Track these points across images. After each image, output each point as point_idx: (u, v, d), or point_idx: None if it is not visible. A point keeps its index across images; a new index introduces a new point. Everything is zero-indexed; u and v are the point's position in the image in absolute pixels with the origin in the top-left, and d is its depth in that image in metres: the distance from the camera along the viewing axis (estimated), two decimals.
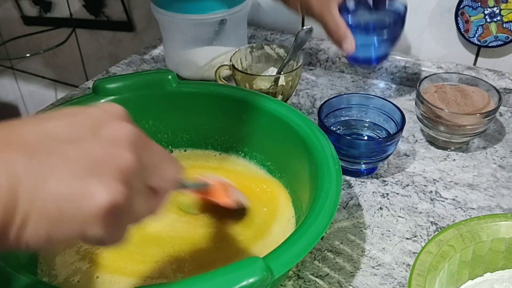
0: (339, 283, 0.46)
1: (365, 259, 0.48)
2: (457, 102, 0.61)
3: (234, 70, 0.67)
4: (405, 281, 0.46)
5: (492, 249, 0.43)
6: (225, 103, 0.56)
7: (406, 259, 0.48)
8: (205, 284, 0.33)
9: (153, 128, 0.58)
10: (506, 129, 0.67)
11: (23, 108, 1.40)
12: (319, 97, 0.74)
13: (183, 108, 0.58)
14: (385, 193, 0.56)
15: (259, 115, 0.54)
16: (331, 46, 0.80)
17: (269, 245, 0.47)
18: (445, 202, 0.55)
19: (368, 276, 0.47)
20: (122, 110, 0.29)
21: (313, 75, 0.80)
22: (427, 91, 0.63)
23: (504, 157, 0.62)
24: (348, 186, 0.57)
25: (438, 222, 0.52)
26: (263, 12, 0.86)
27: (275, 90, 0.66)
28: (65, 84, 1.27)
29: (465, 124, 0.59)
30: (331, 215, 0.39)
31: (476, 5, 0.69)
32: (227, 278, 0.33)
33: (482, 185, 0.57)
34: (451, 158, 0.62)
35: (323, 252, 0.49)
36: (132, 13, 1.06)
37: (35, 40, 1.23)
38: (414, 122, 0.67)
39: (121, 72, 0.81)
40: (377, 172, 0.59)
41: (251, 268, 0.33)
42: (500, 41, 0.70)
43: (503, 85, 0.70)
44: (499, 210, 0.54)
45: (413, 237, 0.51)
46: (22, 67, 1.32)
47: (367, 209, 0.54)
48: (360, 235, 0.51)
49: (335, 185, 0.42)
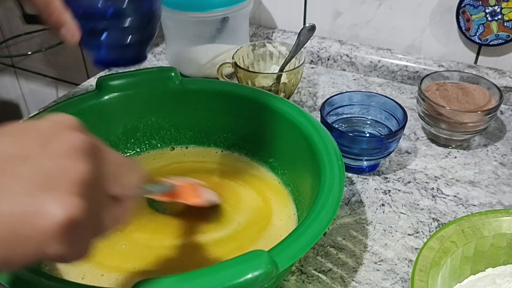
0: (342, 278, 0.46)
1: (368, 254, 0.49)
2: (458, 99, 0.62)
3: (237, 68, 0.67)
4: (407, 276, 0.46)
5: (493, 244, 0.44)
6: (228, 100, 0.57)
7: (408, 254, 0.49)
8: (210, 277, 0.33)
9: (156, 124, 0.58)
10: (507, 127, 0.67)
11: (24, 107, 1.40)
12: (321, 95, 0.74)
13: (186, 105, 0.58)
14: (387, 190, 0.57)
15: (262, 112, 0.54)
16: (333, 44, 0.81)
17: (272, 240, 0.47)
18: (447, 199, 0.55)
19: (371, 271, 0.47)
20: (74, 120, 0.28)
21: (314, 73, 0.80)
22: (428, 89, 0.64)
23: (505, 155, 0.62)
24: (350, 183, 0.58)
25: (439, 218, 0.53)
26: (264, 10, 0.87)
27: (277, 88, 0.67)
28: (66, 83, 1.27)
29: (466, 121, 0.59)
30: (335, 210, 0.40)
31: (477, 3, 0.70)
32: (232, 271, 0.33)
33: (483, 182, 0.58)
34: (453, 155, 0.62)
35: (326, 247, 0.49)
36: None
37: (36, 39, 1.23)
38: (416, 119, 0.68)
39: (122, 70, 0.81)
40: (379, 169, 0.59)
41: (256, 261, 0.33)
42: (501, 40, 0.70)
43: (504, 84, 0.70)
44: (500, 206, 0.54)
45: (415, 233, 0.51)
46: (23, 65, 1.32)
47: (369, 206, 0.54)
48: (362, 231, 0.51)
49: (338, 181, 0.43)
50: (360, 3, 0.78)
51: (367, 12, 0.78)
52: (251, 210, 0.51)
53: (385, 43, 0.79)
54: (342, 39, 0.82)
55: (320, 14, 0.82)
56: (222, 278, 0.33)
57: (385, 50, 0.78)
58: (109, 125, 0.56)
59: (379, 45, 0.80)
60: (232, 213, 0.51)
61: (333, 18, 0.81)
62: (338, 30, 0.82)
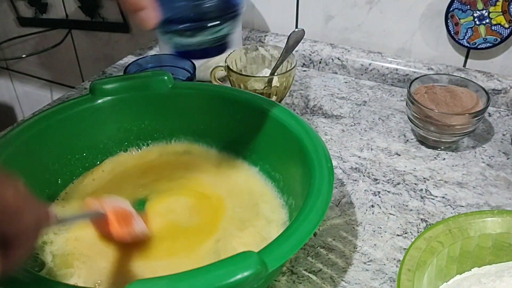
0: (332, 278, 0.47)
1: (357, 255, 0.50)
2: (446, 102, 0.63)
3: (229, 71, 0.68)
4: (395, 276, 0.47)
5: (479, 244, 0.45)
6: (221, 103, 0.57)
7: (396, 255, 0.50)
8: (199, 278, 0.33)
9: (149, 127, 0.59)
10: (495, 129, 0.68)
11: (19, 109, 1.40)
12: (313, 98, 0.75)
13: (179, 109, 0.59)
14: (377, 191, 0.58)
15: (254, 115, 0.55)
16: (324, 47, 0.82)
17: (264, 241, 0.48)
18: (435, 200, 0.56)
19: (360, 271, 0.48)
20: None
21: (306, 76, 0.81)
22: (417, 92, 0.65)
23: (492, 156, 0.63)
24: (340, 185, 0.59)
25: (428, 219, 0.54)
26: (257, 14, 0.88)
27: (269, 91, 0.67)
28: (60, 85, 1.28)
29: (455, 124, 0.60)
30: (324, 211, 0.40)
31: (465, 8, 0.71)
32: (222, 272, 0.34)
33: (471, 184, 0.59)
34: (441, 157, 0.63)
35: (316, 248, 0.50)
36: (128, 14, 1.07)
37: (31, 41, 1.24)
38: (405, 122, 0.69)
39: (117, 73, 0.82)
40: (369, 171, 0.61)
41: (246, 262, 0.34)
42: (489, 43, 0.71)
43: (491, 86, 0.72)
44: (487, 207, 0.55)
45: (403, 233, 0.52)
46: (17, 68, 1.32)
47: (359, 207, 0.55)
48: (352, 232, 0.52)
49: (327, 182, 0.44)
50: (351, 7, 0.79)
51: (358, 16, 0.80)
52: (241, 211, 0.52)
53: (376, 47, 0.81)
54: (333, 43, 0.83)
55: (312, 18, 0.83)
56: (212, 279, 0.33)
57: (376, 53, 0.79)
58: (102, 128, 0.57)
59: (370, 49, 0.81)
60: (222, 210, 0.51)
61: (324, 21, 0.82)
62: (330, 33, 0.83)
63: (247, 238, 0.48)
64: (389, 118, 0.71)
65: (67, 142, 0.54)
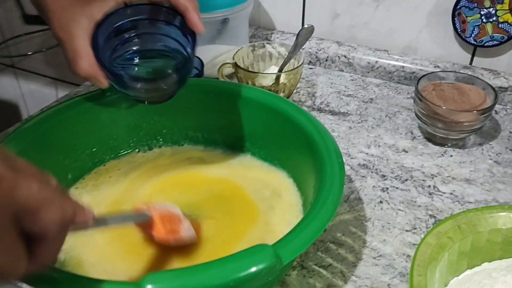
0: (342, 273, 0.47)
1: (367, 250, 0.50)
2: (454, 99, 0.63)
3: (237, 68, 0.68)
4: (405, 271, 0.48)
5: (489, 240, 0.45)
6: (229, 100, 0.57)
7: (406, 250, 0.50)
8: (215, 270, 0.34)
9: (158, 124, 0.59)
10: (501, 127, 0.69)
11: (24, 107, 1.40)
12: (319, 95, 0.75)
13: (187, 105, 0.59)
14: (385, 188, 0.58)
15: (263, 111, 0.55)
16: (331, 45, 0.82)
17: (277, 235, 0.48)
18: (443, 196, 0.57)
19: (370, 266, 0.48)
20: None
21: (313, 73, 0.81)
22: (425, 89, 0.65)
23: (499, 153, 0.63)
24: (349, 181, 0.59)
25: (436, 215, 0.54)
26: (263, 12, 0.88)
27: (276, 88, 0.68)
28: (66, 83, 1.28)
29: (462, 121, 0.61)
30: (336, 205, 0.41)
31: (472, 5, 0.71)
32: (237, 265, 0.34)
33: (478, 180, 0.59)
34: (449, 154, 0.63)
35: (326, 243, 0.50)
36: None
37: (36, 39, 1.24)
38: (412, 119, 0.69)
39: None
40: (377, 168, 0.61)
41: (260, 255, 0.34)
42: (496, 41, 0.72)
43: (498, 84, 0.72)
44: (495, 203, 0.56)
45: (412, 229, 0.52)
46: (23, 65, 1.32)
47: (368, 203, 0.56)
48: (361, 228, 0.52)
49: (338, 178, 0.44)
50: (357, 5, 0.79)
51: (365, 13, 0.80)
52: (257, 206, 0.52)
53: (382, 44, 0.81)
54: (340, 40, 0.83)
55: (318, 16, 0.83)
56: (227, 271, 0.34)
57: (382, 51, 0.80)
58: (112, 124, 0.57)
59: (377, 46, 0.81)
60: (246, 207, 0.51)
61: (331, 19, 0.83)
62: (336, 31, 0.83)
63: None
64: (396, 115, 0.71)
65: (77, 137, 0.55)
